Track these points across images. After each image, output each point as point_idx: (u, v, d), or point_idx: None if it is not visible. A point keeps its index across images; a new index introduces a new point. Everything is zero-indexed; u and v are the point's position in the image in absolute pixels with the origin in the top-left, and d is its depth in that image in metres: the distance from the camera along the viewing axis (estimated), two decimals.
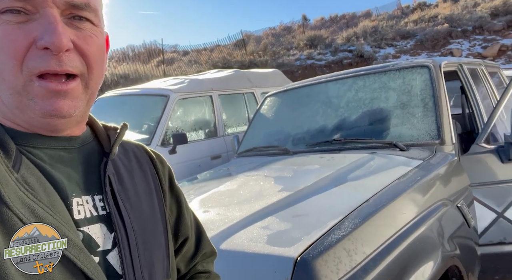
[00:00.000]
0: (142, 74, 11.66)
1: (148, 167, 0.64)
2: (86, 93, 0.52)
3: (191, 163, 3.59)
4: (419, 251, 1.21)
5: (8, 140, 0.48)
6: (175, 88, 3.79)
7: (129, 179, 0.59)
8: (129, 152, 0.64)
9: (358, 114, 2.29)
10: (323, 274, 0.96)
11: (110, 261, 0.52)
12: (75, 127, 0.56)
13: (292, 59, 13.96)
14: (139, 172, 0.62)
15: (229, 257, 1.10)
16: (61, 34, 0.46)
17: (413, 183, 1.47)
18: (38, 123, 0.50)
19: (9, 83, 0.47)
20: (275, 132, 2.67)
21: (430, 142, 1.88)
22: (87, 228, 0.51)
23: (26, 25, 0.47)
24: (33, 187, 0.47)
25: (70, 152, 0.55)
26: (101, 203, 0.54)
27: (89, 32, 0.51)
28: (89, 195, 0.53)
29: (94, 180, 0.55)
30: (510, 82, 1.84)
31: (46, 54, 0.47)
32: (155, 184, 0.64)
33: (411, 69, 2.22)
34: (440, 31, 14.11)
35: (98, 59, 0.53)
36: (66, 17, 0.49)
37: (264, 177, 1.79)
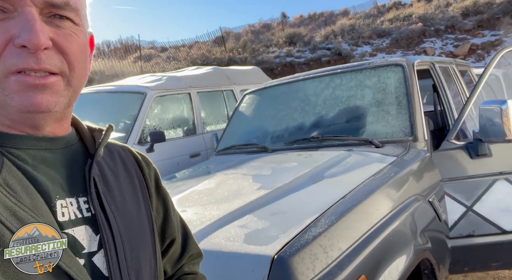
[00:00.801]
0: (118, 70, 11.37)
1: (134, 169, 0.64)
2: (68, 91, 0.51)
3: (169, 162, 3.54)
4: (392, 245, 1.25)
5: None
6: (152, 85, 3.72)
7: (114, 181, 0.59)
8: (114, 153, 0.63)
9: (335, 111, 2.32)
10: (299, 272, 0.97)
11: (96, 263, 0.52)
12: (57, 125, 0.55)
13: (272, 57, 14.01)
14: (125, 174, 0.62)
15: (206, 257, 1.09)
16: (38, 32, 0.46)
17: (387, 179, 1.50)
18: (18, 118, 0.49)
19: None
20: (254, 129, 2.68)
21: (404, 139, 1.94)
22: (71, 230, 0.50)
23: (3, 23, 0.46)
24: (15, 190, 0.46)
25: (53, 152, 0.54)
26: (86, 205, 0.53)
27: (69, 30, 0.51)
28: (73, 197, 0.53)
29: (79, 182, 0.55)
30: (478, 80, 1.92)
31: (24, 52, 0.46)
32: (141, 185, 0.63)
33: (385, 67, 2.27)
34: (414, 30, 14.52)
35: (79, 57, 0.52)
36: (46, 15, 0.49)
37: (242, 175, 1.79)
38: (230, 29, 19.60)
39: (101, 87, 4.08)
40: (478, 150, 1.79)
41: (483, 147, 1.79)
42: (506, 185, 1.77)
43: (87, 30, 0.56)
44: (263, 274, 0.98)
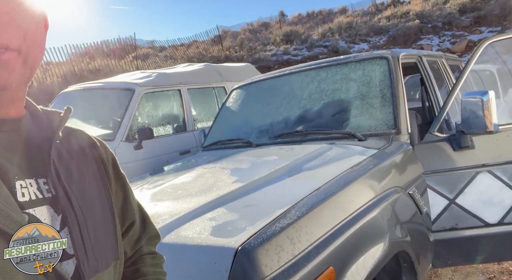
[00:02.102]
0: (114, 69, 11.33)
1: (91, 152, 0.64)
2: (25, 68, 0.51)
3: (159, 159, 3.51)
4: (366, 237, 1.22)
5: None
6: (141, 82, 3.69)
7: (72, 163, 0.59)
8: (70, 137, 0.63)
9: (320, 105, 2.29)
10: (263, 263, 0.95)
11: None
12: (12, 106, 0.54)
13: (269, 55, 13.97)
14: (82, 156, 0.62)
15: (172, 251, 1.06)
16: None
17: (365, 171, 1.48)
18: None
19: None
20: (240, 125, 2.65)
21: (387, 131, 1.91)
22: (33, 210, 0.50)
23: None
24: None
25: (8, 135, 0.53)
26: (46, 186, 0.53)
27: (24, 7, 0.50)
28: (33, 178, 0.52)
29: (36, 163, 0.54)
30: (461, 72, 1.89)
31: None
32: (99, 168, 0.64)
33: (370, 60, 2.24)
34: (411, 27, 14.47)
35: (37, 35, 0.52)
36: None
37: (221, 169, 1.76)
38: (228, 28, 19.56)
39: (90, 84, 4.05)
40: (461, 142, 1.76)
41: (465, 139, 1.76)
42: (489, 177, 1.74)
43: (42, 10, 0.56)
44: (226, 266, 0.95)
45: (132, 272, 0.69)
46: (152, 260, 0.73)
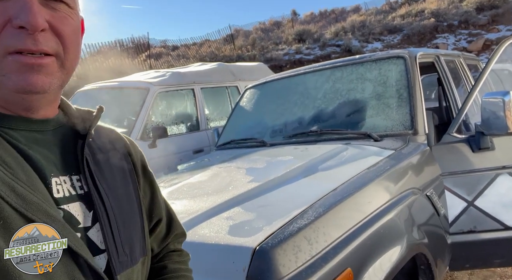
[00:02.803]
0: (128, 68, 11.48)
1: (122, 150, 0.66)
2: (62, 73, 0.52)
3: (172, 157, 3.54)
4: (383, 238, 1.21)
5: None
6: (155, 81, 3.73)
7: (104, 161, 0.61)
8: (102, 135, 0.65)
9: (335, 105, 2.28)
10: (280, 263, 0.95)
11: (91, 237, 0.54)
12: (49, 107, 0.56)
13: (281, 54, 13.93)
14: (113, 154, 0.64)
15: (189, 249, 1.07)
16: (36, 14, 0.46)
17: (382, 172, 1.46)
18: (13, 100, 0.50)
19: None
20: (254, 124, 2.65)
21: (404, 132, 1.88)
22: (67, 206, 0.52)
23: (2, 3, 0.46)
24: (11, 166, 0.47)
25: (44, 134, 0.55)
26: (79, 183, 0.55)
27: (64, 13, 0.52)
28: (67, 175, 0.54)
29: (71, 161, 0.56)
30: (481, 73, 1.85)
31: (22, 33, 0.47)
32: (129, 166, 0.65)
33: (387, 60, 2.21)
34: (426, 26, 14.23)
35: (73, 40, 0.53)
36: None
37: (236, 168, 1.77)
38: (240, 27, 19.59)
39: (105, 83, 4.11)
40: (480, 144, 1.73)
41: (485, 140, 1.72)
42: (509, 179, 1.70)
43: (79, 14, 0.57)
44: (244, 265, 0.96)
45: (159, 268, 0.70)
46: (179, 258, 0.74)
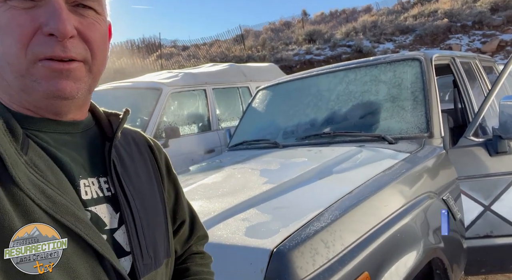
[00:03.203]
0: (139, 68, 11.60)
1: (146, 152, 0.67)
2: (89, 77, 0.53)
3: (184, 157, 3.57)
4: (400, 242, 1.20)
5: (15, 124, 0.49)
6: (168, 82, 3.76)
7: (130, 163, 0.61)
8: (128, 137, 0.66)
9: (349, 107, 2.27)
10: (298, 266, 0.95)
11: (117, 239, 0.55)
12: (78, 111, 0.57)
13: (291, 54, 13.91)
14: (139, 156, 0.65)
15: (207, 250, 1.09)
16: (65, 21, 0.47)
17: (398, 175, 1.46)
18: (43, 105, 0.51)
19: (13, 67, 0.48)
20: (266, 125, 2.66)
21: (419, 135, 1.87)
22: (94, 208, 0.53)
23: (32, 11, 0.47)
24: (41, 169, 0.48)
25: (73, 136, 0.56)
26: (106, 185, 0.56)
27: (92, 19, 0.52)
28: (95, 177, 0.55)
29: (98, 163, 0.57)
30: (499, 75, 1.82)
31: (51, 40, 0.47)
32: (153, 168, 0.66)
33: (402, 62, 2.20)
34: (439, 26, 14.04)
35: (101, 46, 0.54)
36: (71, 4, 0.50)
37: (250, 170, 1.78)
38: (250, 27, 19.62)
39: (119, 83, 4.17)
40: (498, 147, 1.70)
41: (503, 144, 1.70)
42: None
43: (107, 19, 0.58)
44: (262, 267, 0.97)
45: (182, 270, 0.71)
46: (201, 260, 0.75)
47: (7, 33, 0.47)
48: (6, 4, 0.47)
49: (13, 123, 0.49)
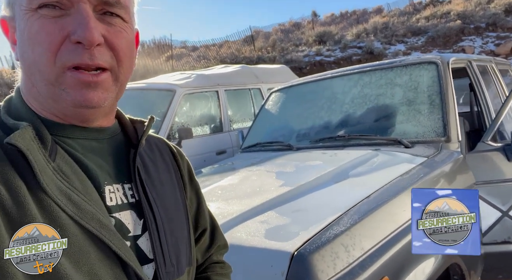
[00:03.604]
0: (151, 69, 11.72)
1: (170, 159, 0.67)
2: (116, 86, 0.54)
3: (196, 158, 3.60)
4: None
5: (44, 131, 0.51)
6: (181, 83, 3.80)
7: (153, 170, 0.62)
8: (152, 144, 0.66)
9: (363, 110, 2.26)
10: (319, 269, 0.96)
11: (140, 246, 0.55)
12: (104, 118, 0.58)
13: (301, 55, 13.88)
14: (162, 164, 0.65)
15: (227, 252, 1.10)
16: (93, 29, 0.48)
17: (416, 180, 1.45)
18: (70, 113, 0.52)
19: (43, 75, 0.49)
20: (280, 127, 2.67)
21: (436, 139, 1.86)
22: (118, 214, 0.54)
23: (61, 19, 0.48)
24: (68, 176, 0.49)
25: (100, 142, 0.57)
26: (130, 191, 0.57)
27: (119, 27, 0.53)
28: (119, 184, 0.56)
29: (123, 170, 0.58)
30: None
31: (79, 48, 0.48)
32: (176, 175, 0.66)
33: (418, 65, 2.18)
34: (452, 28, 13.86)
35: (127, 53, 0.54)
36: (98, 12, 0.51)
37: (265, 172, 1.79)
38: (260, 28, 19.64)
39: (133, 84, 4.22)
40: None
41: None
42: None
43: (134, 27, 0.58)
44: (283, 270, 0.98)
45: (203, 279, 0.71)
46: (221, 270, 0.74)
47: (38, 41, 0.48)
48: (37, 13, 0.48)
49: (42, 130, 0.51)
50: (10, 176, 0.45)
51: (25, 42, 0.49)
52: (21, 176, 0.46)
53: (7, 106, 0.54)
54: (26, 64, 0.51)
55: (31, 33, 0.48)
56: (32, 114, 0.52)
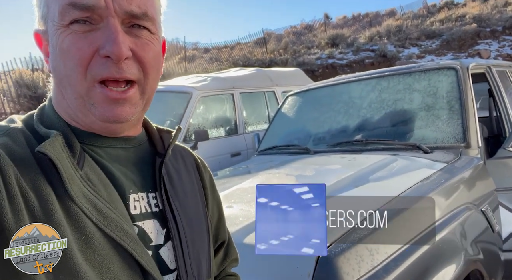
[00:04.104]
0: (165, 70, 11.87)
1: (193, 169, 0.68)
2: (143, 99, 0.55)
3: (212, 160, 3.65)
4: (441, 253, 1.21)
5: (73, 139, 0.52)
6: (198, 86, 3.86)
7: (177, 180, 0.62)
8: (176, 154, 0.67)
9: (381, 115, 2.28)
10: (345, 271, 0.98)
11: (162, 256, 0.55)
12: (132, 129, 0.59)
13: (313, 58, 13.87)
14: (186, 174, 0.65)
15: (252, 252, 1.13)
16: (120, 44, 0.49)
17: (437, 185, 1.46)
18: (98, 127, 0.54)
19: (74, 88, 0.51)
20: (296, 131, 2.69)
21: (455, 145, 1.86)
22: (141, 223, 0.54)
23: (90, 34, 0.50)
24: (94, 184, 0.50)
25: (127, 151, 0.58)
26: (154, 200, 0.57)
27: (146, 39, 0.54)
28: (144, 192, 0.57)
29: (148, 179, 0.58)
30: None
31: (108, 62, 0.50)
32: (199, 186, 0.67)
33: (437, 70, 2.19)
34: (467, 31, 13.68)
35: (154, 65, 0.55)
36: (126, 25, 0.52)
37: (285, 175, 1.82)
38: (272, 31, 19.69)
39: None
40: None
41: None
42: None
43: (161, 36, 0.59)
44: (309, 271, 1.00)
45: None
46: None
47: (69, 56, 0.50)
48: (69, 28, 0.50)
49: (72, 138, 0.52)
50: (40, 184, 0.46)
51: (57, 56, 0.51)
52: (50, 183, 0.47)
53: (40, 114, 0.56)
54: (58, 78, 0.53)
55: (63, 48, 0.50)
56: (63, 122, 0.54)
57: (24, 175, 0.46)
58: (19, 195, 0.44)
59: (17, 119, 0.55)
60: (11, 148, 0.48)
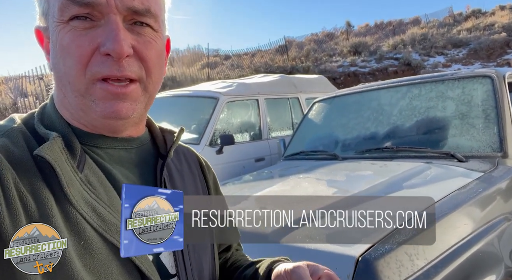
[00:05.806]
0: (188, 77, 12.11)
1: (197, 170, 0.67)
2: (145, 96, 0.54)
3: (236, 164, 3.69)
4: (481, 262, 1.19)
5: (74, 140, 0.51)
6: (224, 91, 3.93)
7: (180, 181, 0.61)
8: (180, 154, 0.66)
9: (412, 122, 2.25)
10: (385, 275, 0.98)
11: (162, 261, 0.54)
12: (133, 128, 0.58)
13: (335, 66, 13.82)
14: (189, 175, 0.64)
15: (289, 252, 1.15)
16: (121, 41, 0.48)
17: (475, 194, 1.43)
18: (99, 124, 0.53)
19: (73, 86, 0.50)
20: (323, 137, 2.69)
21: (492, 154, 1.82)
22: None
23: (91, 31, 0.48)
24: (94, 187, 0.49)
25: (128, 152, 0.57)
26: None
27: (148, 37, 0.52)
28: None
29: (149, 180, 0.57)
30: None
31: (108, 59, 0.48)
32: (203, 187, 0.66)
33: (472, 79, 2.15)
34: (496, 40, 13.30)
35: (156, 63, 0.54)
36: (128, 23, 0.51)
37: (315, 179, 1.83)
38: (292, 38, 19.77)
39: (178, 91, 4.41)
40: None
41: None
42: None
43: (165, 34, 0.57)
44: (348, 273, 1.01)
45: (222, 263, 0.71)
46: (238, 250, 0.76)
47: (69, 53, 0.48)
48: (69, 25, 0.48)
49: (72, 139, 0.51)
50: (38, 187, 0.45)
51: (57, 54, 0.50)
52: (49, 187, 0.46)
53: (41, 113, 0.55)
54: (58, 75, 0.51)
55: (62, 45, 0.49)
56: (64, 123, 0.53)
57: (23, 179, 0.45)
58: (17, 199, 0.43)
59: (18, 118, 0.54)
60: (10, 150, 0.47)
